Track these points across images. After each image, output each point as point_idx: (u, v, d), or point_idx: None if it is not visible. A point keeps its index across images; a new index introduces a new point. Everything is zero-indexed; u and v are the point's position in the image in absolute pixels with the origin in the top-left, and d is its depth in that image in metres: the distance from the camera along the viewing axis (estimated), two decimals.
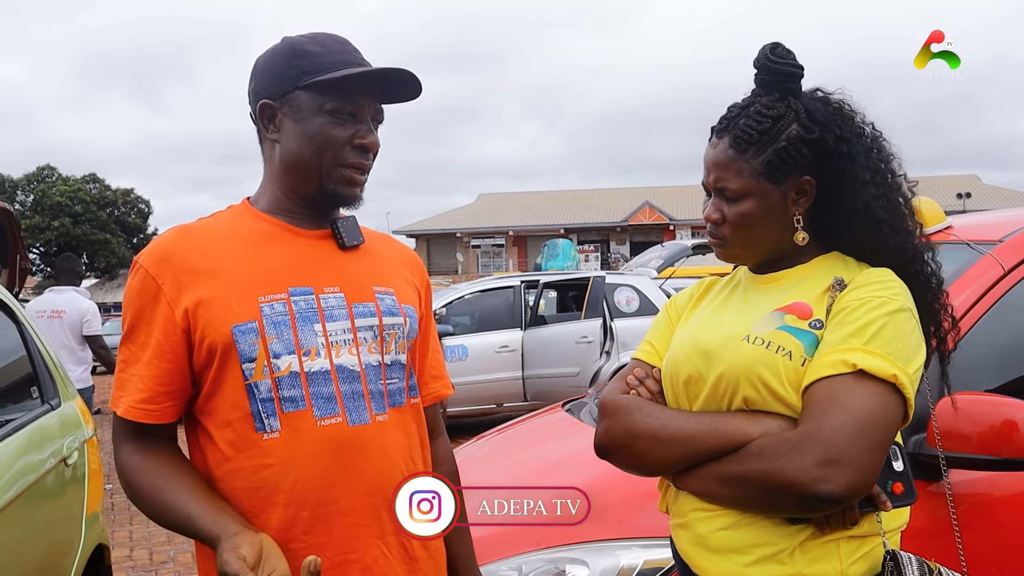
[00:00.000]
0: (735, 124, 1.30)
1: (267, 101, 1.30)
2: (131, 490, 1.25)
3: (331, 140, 1.27)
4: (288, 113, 1.29)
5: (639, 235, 40.92)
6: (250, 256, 1.27)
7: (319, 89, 1.26)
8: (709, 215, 1.34)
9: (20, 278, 4.14)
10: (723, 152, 1.31)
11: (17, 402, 2.86)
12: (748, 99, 1.33)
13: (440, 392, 1.51)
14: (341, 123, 1.27)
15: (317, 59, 1.27)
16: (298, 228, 1.32)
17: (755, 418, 1.21)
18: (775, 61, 1.30)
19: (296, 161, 1.29)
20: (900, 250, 1.29)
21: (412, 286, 1.43)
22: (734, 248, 1.34)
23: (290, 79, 1.28)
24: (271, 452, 1.21)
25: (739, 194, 1.29)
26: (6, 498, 2.22)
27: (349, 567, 1.23)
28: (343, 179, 1.29)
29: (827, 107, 1.30)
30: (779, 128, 1.27)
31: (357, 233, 1.36)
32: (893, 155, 1.33)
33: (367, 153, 1.30)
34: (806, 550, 1.19)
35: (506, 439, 3.10)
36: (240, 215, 1.35)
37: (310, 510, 1.21)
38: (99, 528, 3.11)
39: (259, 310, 1.23)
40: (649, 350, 1.45)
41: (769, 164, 1.27)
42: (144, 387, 1.23)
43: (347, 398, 1.25)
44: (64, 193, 38.65)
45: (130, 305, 1.26)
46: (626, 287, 8.89)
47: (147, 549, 5.23)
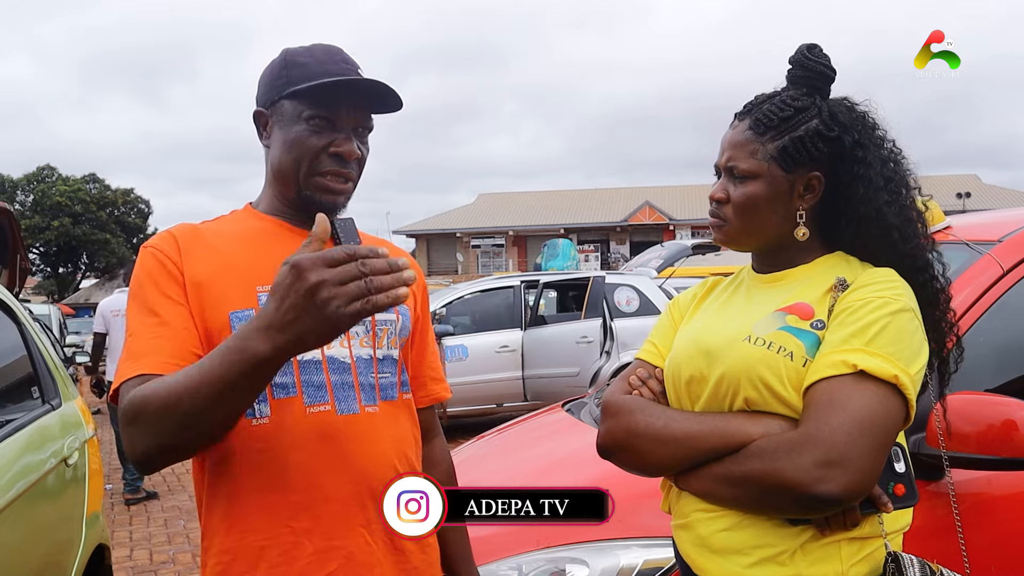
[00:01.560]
0: (758, 108, 1.32)
1: (260, 109, 1.36)
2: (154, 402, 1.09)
3: (307, 147, 1.29)
4: (275, 121, 1.33)
5: (639, 235, 40.89)
6: (250, 249, 1.31)
7: (299, 97, 1.29)
8: (714, 194, 1.35)
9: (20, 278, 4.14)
10: (741, 133, 1.32)
11: (18, 402, 2.86)
12: (776, 91, 1.35)
13: (439, 394, 1.53)
14: (318, 131, 1.29)
15: (304, 69, 1.31)
16: (298, 228, 1.35)
17: (756, 418, 1.21)
18: (810, 59, 1.32)
19: (280, 167, 1.33)
20: (911, 257, 1.30)
21: (409, 291, 1.43)
22: (732, 230, 1.34)
23: (277, 88, 1.32)
24: (261, 437, 1.22)
25: (748, 174, 1.30)
26: (7, 498, 2.22)
27: (333, 553, 1.24)
28: (320, 187, 1.31)
29: (851, 113, 1.31)
30: (800, 119, 1.29)
31: (354, 235, 1.37)
32: (910, 172, 1.34)
33: (344, 161, 1.31)
34: (807, 551, 1.19)
35: (506, 439, 3.11)
36: (243, 216, 1.40)
37: (297, 495, 1.23)
38: (99, 528, 3.11)
39: (257, 299, 1.26)
40: (652, 350, 1.45)
41: (783, 150, 1.28)
42: (175, 351, 1.19)
43: (337, 388, 1.27)
44: (64, 193, 38.63)
45: (146, 281, 1.25)
46: (626, 287, 8.89)
47: (147, 549, 5.23)
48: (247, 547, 1.22)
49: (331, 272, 0.92)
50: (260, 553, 1.22)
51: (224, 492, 1.25)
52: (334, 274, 0.92)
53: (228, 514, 1.24)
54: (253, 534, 1.23)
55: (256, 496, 1.23)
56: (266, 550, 1.22)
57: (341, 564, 1.24)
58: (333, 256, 0.93)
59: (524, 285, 9.18)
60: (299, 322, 0.94)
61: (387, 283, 0.93)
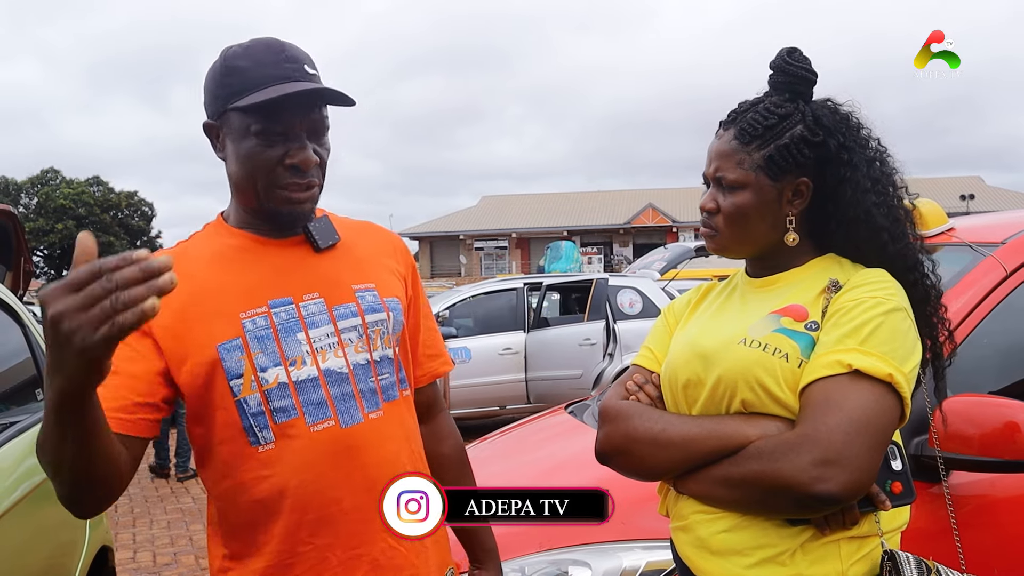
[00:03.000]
0: (742, 117, 1.32)
1: (209, 121, 1.28)
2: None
3: (260, 162, 1.23)
4: (226, 133, 1.26)
5: (642, 237, 40.92)
6: (227, 273, 1.27)
7: (245, 111, 1.22)
8: (704, 204, 1.36)
9: (24, 281, 4.14)
10: (727, 143, 1.33)
11: (21, 404, 2.87)
12: (759, 97, 1.35)
13: (438, 370, 1.50)
14: (270, 144, 1.22)
15: (244, 75, 1.22)
16: (269, 239, 1.31)
17: (753, 420, 1.22)
18: (791, 63, 1.32)
19: (238, 181, 1.28)
20: (901, 258, 1.30)
21: (395, 274, 1.41)
22: (724, 240, 1.35)
23: (222, 99, 1.24)
24: (268, 463, 1.22)
25: (736, 184, 1.31)
26: (11, 500, 2.23)
27: (358, 562, 1.24)
28: (281, 199, 1.25)
29: (835, 115, 1.31)
30: (785, 126, 1.29)
31: (331, 233, 1.34)
32: (896, 170, 1.34)
33: (302, 171, 1.25)
34: (807, 551, 1.19)
35: (509, 441, 3.10)
36: (214, 232, 1.34)
37: (314, 512, 1.23)
38: (103, 530, 3.12)
39: (241, 327, 1.23)
40: (648, 355, 1.45)
41: (770, 159, 1.29)
42: (118, 396, 1.16)
43: (337, 400, 1.26)
44: (68, 196, 38.80)
45: None
46: (629, 289, 8.88)
47: (150, 551, 5.23)
48: (273, 568, 1.23)
49: (73, 299, 0.81)
50: (286, 571, 1.23)
51: (242, 523, 1.24)
52: (77, 300, 0.81)
53: (250, 543, 1.24)
54: (278, 556, 1.23)
55: (274, 522, 1.22)
56: (292, 567, 1.23)
57: (368, 570, 1.25)
58: (76, 279, 0.81)
59: (527, 287, 9.17)
60: (59, 363, 0.85)
61: (137, 296, 0.80)
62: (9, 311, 2.91)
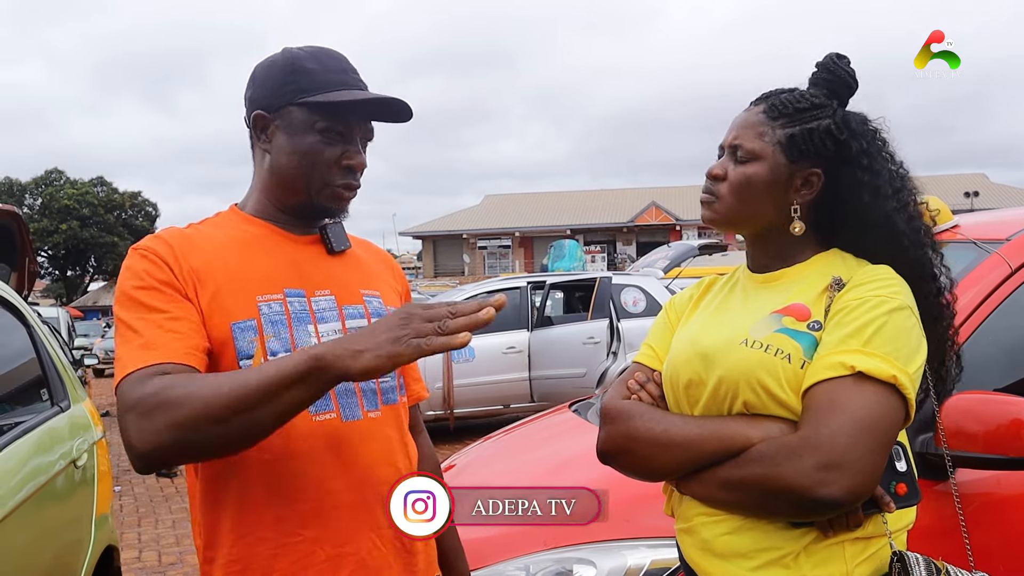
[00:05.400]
0: (775, 95, 1.33)
1: (261, 112, 1.32)
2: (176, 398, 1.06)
3: (320, 159, 1.30)
4: (281, 126, 1.31)
5: (645, 235, 40.84)
6: (246, 256, 1.29)
7: (313, 108, 1.29)
8: (712, 170, 1.34)
9: (29, 281, 4.16)
10: (754, 115, 1.33)
11: (27, 404, 2.87)
12: (797, 87, 1.35)
13: (419, 394, 1.54)
14: (331, 143, 1.30)
15: (313, 77, 1.30)
16: (289, 233, 1.35)
17: (756, 422, 1.21)
18: (838, 65, 1.33)
19: (285, 174, 1.32)
20: (920, 265, 1.30)
21: (394, 291, 1.47)
22: (723, 207, 1.33)
23: (286, 94, 1.30)
24: (269, 448, 1.21)
25: (751, 155, 1.30)
26: (16, 500, 2.23)
27: (344, 559, 1.24)
28: (332, 196, 1.32)
29: (864, 124, 1.32)
30: (815, 115, 1.30)
31: (344, 239, 1.40)
32: (916, 188, 1.34)
33: (354, 173, 1.33)
34: (811, 553, 1.19)
35: (513, 440, 3.11)
36: (231, 219, 1.37)
37: (307, 503, 1.23)
38: (108, 530, 3.13)
39: (257, 309, 1.24)
40: (649, 353, 1.44)
41: (791, 138, 1.29)
42: (192, 343, 1.16)
43: (340, 395, 1.27)
44: (72, 196, 38.85)
45: (141, 283, 1.20)
46: (633, 287, 8.88)
47: (156, 551, 5.25)
48: (257, 556, 1.22)
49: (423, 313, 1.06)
50: (271, 562, 1.22)
51: (231, 502, 1.24)
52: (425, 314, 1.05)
53: (237, 524, 1.23)
54: (263, 544, 1.22)
55: (265, 506, 1.22)
56: (278, 558, 1.22)
57: (353, 570, 1.25)
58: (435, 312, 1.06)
59: (531, 286, 9.17)
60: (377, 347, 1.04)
61: (454, 327, 1.04)
62: (15, 311, 2.92)
